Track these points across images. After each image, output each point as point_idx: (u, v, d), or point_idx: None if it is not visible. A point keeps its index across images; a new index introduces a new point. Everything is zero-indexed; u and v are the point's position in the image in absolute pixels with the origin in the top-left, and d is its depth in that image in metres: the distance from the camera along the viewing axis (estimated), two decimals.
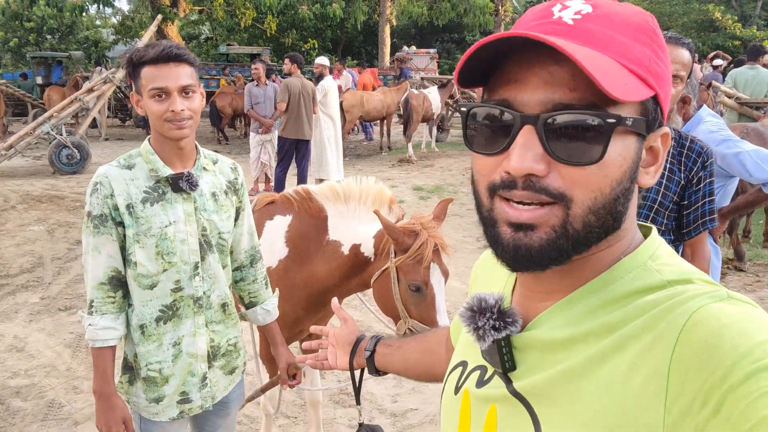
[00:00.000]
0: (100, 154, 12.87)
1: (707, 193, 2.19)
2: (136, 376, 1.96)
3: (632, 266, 0.72)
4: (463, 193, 9.57)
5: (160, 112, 1.79)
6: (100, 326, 1.85)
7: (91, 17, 33.18)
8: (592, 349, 0.68)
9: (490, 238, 0.72)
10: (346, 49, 32.66)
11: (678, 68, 2.19)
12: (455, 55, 33.26)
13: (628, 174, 0.69)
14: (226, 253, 2.03)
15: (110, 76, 11.83)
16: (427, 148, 13.67)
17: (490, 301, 0.78)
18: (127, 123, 19.42)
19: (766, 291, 5.53)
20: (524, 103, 0.67)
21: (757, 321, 0.60)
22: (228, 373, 2.11)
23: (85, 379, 3.93)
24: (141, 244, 1.84)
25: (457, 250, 6.65)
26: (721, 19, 24.82)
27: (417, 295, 2.23)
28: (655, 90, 0.69)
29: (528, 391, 0.73)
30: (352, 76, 15.71)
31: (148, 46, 1.82)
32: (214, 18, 22.13)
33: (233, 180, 2.06)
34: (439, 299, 2.24)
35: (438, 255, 2.26)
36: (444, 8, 21.52)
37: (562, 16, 0.68)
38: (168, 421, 1.98)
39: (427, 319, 2.23)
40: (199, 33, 30.12)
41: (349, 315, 1.49)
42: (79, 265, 6.19)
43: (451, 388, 0.90)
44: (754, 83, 8.14)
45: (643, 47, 0.68)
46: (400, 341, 1.37)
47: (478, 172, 0.74)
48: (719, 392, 0.56)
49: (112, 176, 1.83)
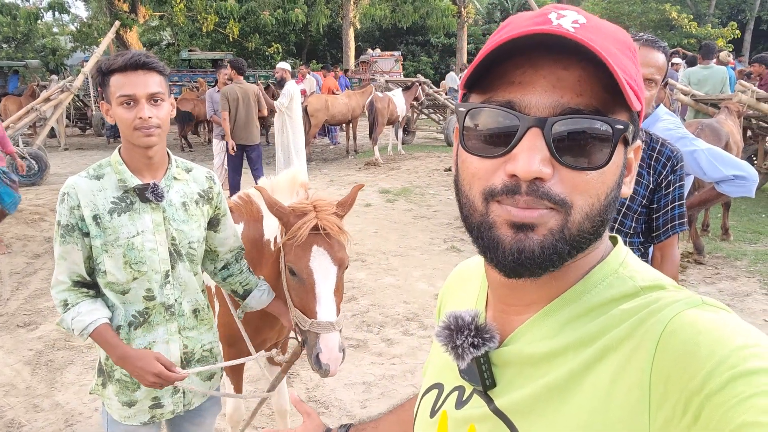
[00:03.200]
0: (59, 164, 12.58)
1: (677, 197, 2.20)
2: (109, 379, 2.00)
3: (605, 275, 0.72)
4: (430, 195, 9.61)
5: (128, 120, 1.80)
6: (84, 311, 1.88)
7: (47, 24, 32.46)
8: (573, 362, 0.68)
9: (487, 242, 0.69)
10: (311, 52, 32.55)
11: (653, 71, 2.20)
12: (420, 57, 33.42)
13: (618, 182, 0.70)
14: (196, 262, 2.05)
15: (68, 84, 11.57)
16: (393, 150, 13.68)
17: (466, 318, 0.77)
18: (87, 132, 19.00)
19: (725, 283, 5.67)
20: (531, 105, 0.66)
21: (732, 327, 0.61)
22: (205, 380, 2.13)
23: (45, 397, 3.83)
24: (109, 254, 1.86)
25: (424, 252, 6.70)
26: (677, 18, 25.44)
27: (296, 279, 2.14)
28: (641, 102, 0.69)
29: (509, 408, 0.72)
30: (317, 80, 15.67)
31: (117, 54, 1.83)
32: (175, 23, 21.84)
33: (207, 189, 2.07)
34: (321, 288, 2.10)
35: (325, 240, 2.11)
36: (407, 11, 21.63)
37: (562, 24, 0.67)
38: (138, 425, 2.00)
39: (306, 310, 2.12)
40: (160, 39, 29.69)
41: (312, 409, 1.32)
42: (38, 279, 6.03)
43: (426, 411, 0.88)
44: (707, 82, 8.33)
45: (629, 61, 0.69)
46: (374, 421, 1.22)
47: (472, 175, 0.71)
48: (698, 400, 0.56)
49: (79, 187, 1.85)
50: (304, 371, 4.14)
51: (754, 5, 30.33)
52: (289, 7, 18.47)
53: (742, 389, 0.54)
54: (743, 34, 28.35)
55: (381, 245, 7.02)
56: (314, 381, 4.02)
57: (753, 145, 8.55)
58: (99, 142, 16.94)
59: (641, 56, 2.18)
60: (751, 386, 0.54)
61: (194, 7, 18.63)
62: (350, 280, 5.90)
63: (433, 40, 33.53)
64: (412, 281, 5.87)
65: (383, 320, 4.98)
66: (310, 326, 2.10)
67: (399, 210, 8.73)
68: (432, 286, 5.71)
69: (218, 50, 24.50)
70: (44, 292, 5.66)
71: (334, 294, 2.13)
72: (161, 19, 22.05)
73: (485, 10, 38.69)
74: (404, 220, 8.16)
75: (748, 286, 5.59)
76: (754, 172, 2.72)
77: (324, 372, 2.08)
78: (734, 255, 6.45)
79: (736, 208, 8.03)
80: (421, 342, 4.57)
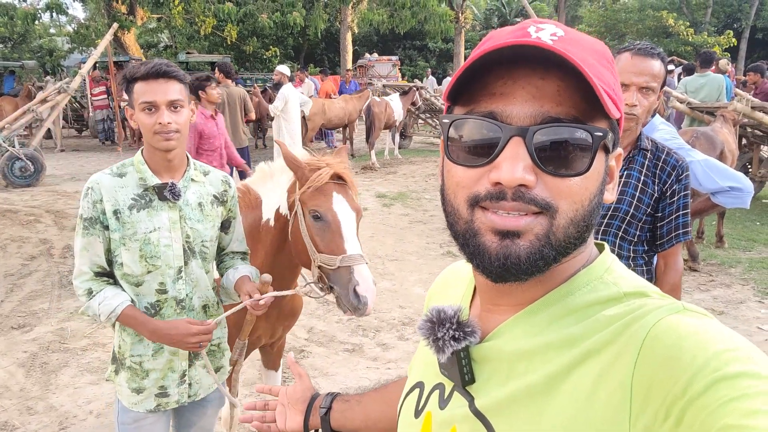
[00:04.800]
0: (55, 165, 12.54)
1: (681, 206, 2.20)
2: (121, 366, 2.11)
3: (589, 279, 0.74)
4: (426, 200, 9.63)
5: (149, 125, 1.94)
6: (110, 295, 1.98)
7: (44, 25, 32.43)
8: (554, 363, 0.69)
9: (473, 249, 0.71)
10: (308, 56, 32.61)
11: (647, 80, 2.17)
12: (417, 62, 33.50)
13: (601, 188, 0.72)
14: (208, 260, 2.16)
15: (65, 85, 11.54)
16: (390, 155, 13.70)
17: (449, 312, 0.79)
18: (83, 134, 18.96)
19: (720, 290, 5.69)
20: (512, 115, 0.68)
21: (714, 332, 0.62)
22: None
23: (39, 399, 3.81)
24: (126, 247, 1.98)
25: (420, 257, 6.70)
26: (674, 25, 25.58)
27: (320, 223, 2.21)
28: (620, 111, 0.71)
29: (488, 409, 0.73)
30: (315, 84, 15.68)
31: (141, 63, 1.99)
32: (173, 26, 21.84)
33: (222, 192, 2.18)
34: (345, 228, 2.21)
35: (343, 189, 2.28)
36: (404, 16, 21.63)
37: (540, 36, 0.69)
38: (144, 412, 2.11)
39: (335, 248, 2.19)
40: (158, 41, 29.68)
41: (305, 371, 1.33)
42: (33, 281, 6.02)
43: (410, 411, 0.88)
44: (704, 90, 8.36)
45: (607, 71, 0.71)
46: (360, 395, 1.23)
47: (457, 184, 0.73)
48: (680, 404, 0.57)
49: (102, 183, 1.97)
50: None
51: (749, 14, 30.52)
52: (287, 10, 18.45)
53: (724, 393, 0.55)
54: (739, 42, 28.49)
55: (377, 249, 7.02)
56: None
57: (748, 153, 8.60)
58: (95, 143, 16.92)
59: (634, 65, 2.18)
60: (733, 389, 0.55)
61: (192, 10, 18.61)
62: None
63: (431, 45, 33.63)
64: (408, 286, 5.88)
65: (379, 325, 4.98)
66: (341, 261, 2.15)
67: (395, 214, 8.74)
68: (427, 291, 5.70)
69: (216, 53, 24.50)
70: (39, 294, 5.65)
71: (357, 237, 2.25)
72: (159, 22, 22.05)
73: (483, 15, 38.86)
74: (400, 225, 8.16)
75: (742, 293, 5.61)
76: (750, 183, 2.74)
77: (363, 306, 2.12)
78: (728, 262, 6.48)
79: (730, 215, 8.07)
80: (417, 347, 4.55)
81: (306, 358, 4.41)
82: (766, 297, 5.51)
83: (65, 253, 6.88)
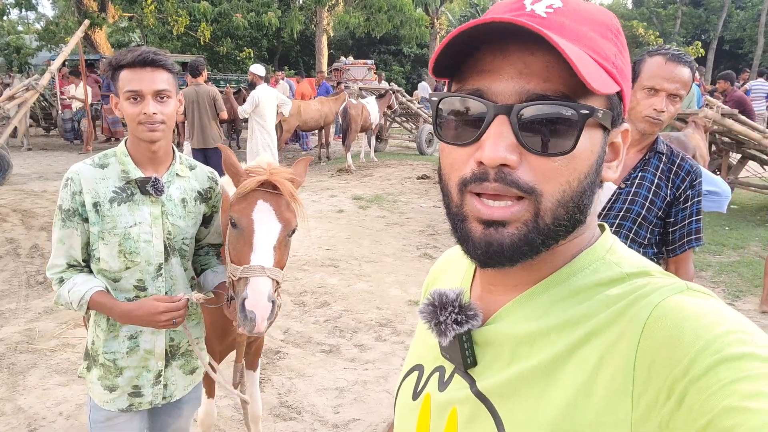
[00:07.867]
0: (21, 164, 12.24)
1: (694, 212, 2.22)
2: (94, 363, 2.05)
3: (591, 260, 0.73)
4: (402, 203, 9.63)
5: (133, 115, 1.86)
6: (80, 281, 1.92)
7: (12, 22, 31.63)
8: (556, 345, 0.68)
9: (460, 234, 0.71)
10: (283, 58, 32.46)
11: (678, 87, 2.15)
12: (392, 66, 33.58)
13: (594, 168, 0.70)
14: (187, 258, 2.11)
15: (33, 82, 11.27)
16: (366, 158, 13.68)
17: (450, 295, 0.77)
18: (51, 132, 18.54)
19: None
20: (498, 92, 0.67)
21: (717, 312, 0.61)
22: (188, 373, 2.18)
23: (6, 401, 3.69)
24: (105, 241, 1.91)
25: (397, 259, 6.69)
26: (644, 35, 26.10)
27: (235, 231, 2.03)
28: (620, 85, 0.69)
29: (490, 391, 0.72)
30: (290, 86, 15.60)
31: (128, 50, 1.89)
32: (145, 25, 21.52)
33: (207, 189, 2.13)
34: (258, 237, 1.99)
35: (275, 198, 2.05)
36: (380, 20, 21.70)
37: (534, 9, 0.68)
38: (116, 411, 2.05)
39: (241, 257, 1.98)
40: (129, 40, 29.22)
41: None
42: (0, 281, 5.85)
43: (408, 394, 0.87)
44: None
45: (609, 43, 0.69)
46: None
47: (449, 166, 0.72)
48: (682, 385, 0.56)
49: (82, 174, 1.90)
50: (276, 376, 4.09)
51: (717, 25, 31.32)
52: (262, 10, 18.33)
53: (725, 374, 0.54)
54: (707, 53, 29.21)
55: (354, 251, 6.99)
56: (286, 386, 3.97)
57: (717, 159, 8.79)
58: (64, 143, 16.55)
59: (667, 71, 2.13)
60: (735, 371, 0.54)
61: (165, 9, 18.38)
62: (323, 285, 5.86)
63: (406, 49, 33.77)
64: (385, 287, 5.86)
65: (356, 326, 4.95)
66: (241, 272, 1.93)
67: (371, 216, 8.72)
68: (405, 292, 5.70)
69: (189, 53, 24.20)
70: (6, 294, 5.49)
71: (274, 250, 2.01)
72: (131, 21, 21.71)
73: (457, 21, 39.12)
74: (377, 227, 8.15)
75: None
76: (728, 188, 2.77)
77: (249, 322, 1.87)
78: (699, 266, 6.59)
79: None
80: (394, 348, 4.55)
81: (282, 359, 4.36)
82: (736, 299, 5.62)
83: (32, 252, 6.70)
